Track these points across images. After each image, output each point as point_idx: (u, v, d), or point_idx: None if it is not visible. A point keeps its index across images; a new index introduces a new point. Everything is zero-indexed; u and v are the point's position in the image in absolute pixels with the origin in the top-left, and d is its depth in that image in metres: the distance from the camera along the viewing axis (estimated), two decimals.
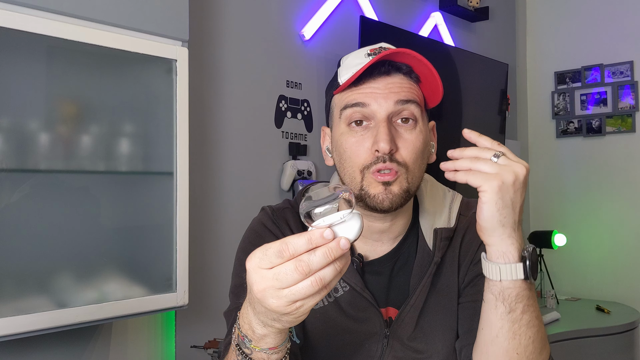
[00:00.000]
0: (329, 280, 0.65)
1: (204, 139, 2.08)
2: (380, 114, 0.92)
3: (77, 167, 1.54)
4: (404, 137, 0.93)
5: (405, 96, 0.93)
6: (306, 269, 0.64)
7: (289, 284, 0.64)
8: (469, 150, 0.83)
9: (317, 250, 0.64)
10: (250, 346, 0.76)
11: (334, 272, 0.65)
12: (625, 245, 3.41)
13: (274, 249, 0.65)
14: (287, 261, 0.65)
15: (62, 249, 1.51)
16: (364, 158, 0.93)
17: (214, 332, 1.97)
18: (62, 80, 1.54)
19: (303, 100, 2.44)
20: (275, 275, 0.65)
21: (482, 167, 0.80)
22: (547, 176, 3.74)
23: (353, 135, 0.94)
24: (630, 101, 3.42)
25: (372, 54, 0.95)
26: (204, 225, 2.06)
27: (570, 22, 3.66)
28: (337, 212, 0.67)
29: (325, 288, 0.66)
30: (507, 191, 0.80)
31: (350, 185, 0.96)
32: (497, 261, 0.83)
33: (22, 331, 1.37)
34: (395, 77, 0.94)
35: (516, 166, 0.80)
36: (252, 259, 0.67)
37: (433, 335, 1.00)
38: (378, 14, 2.77)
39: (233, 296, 1.04)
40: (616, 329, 2.87)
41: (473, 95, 3.10)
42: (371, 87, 0.93)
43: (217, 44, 2.14)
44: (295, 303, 0.66)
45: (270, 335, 0.74)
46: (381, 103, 0.92)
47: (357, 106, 0.93)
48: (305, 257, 0.64)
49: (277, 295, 0.65)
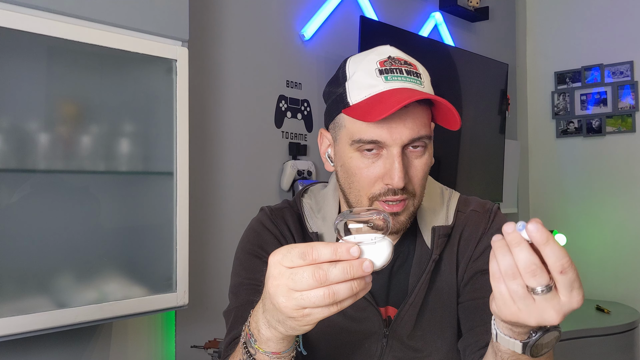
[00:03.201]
0: (341, 298, 0.64)
1: (204, 139, 2.08)
2: (394, 148, 0.90)
3: (77, 167, 1.54)
4: (414, 164, 0.93)
5: (419, 133, 0.91)
6: (323, 277, 0.63)
7: (302, 287, 0.64)
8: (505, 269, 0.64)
9: (339, 264, 0.64)
10: (255, 346, 0.76)
11: (348, 292, 0.64)
12: (626, 246, 3.41)
13: (298, 249, 0.65)
14: (307, 265, 0.64)
15: (62, 249, 1.51)
16: (374, 187, 0.92)
17: (214, 332, 1.97)
18: (62, 80, 1.54)
19: (303, 100, 2.44)
20: (292, 274, 0.65)
21: (515, 291, 0.65)
22: (547, 176, 3.74)
23: (362, 160, 0.92)
24: (630, 101, 3.42)
25: (383, 71, 0.91)
26: (204, 225, 2.06)
27: (570, 22, 3.66)
28: (370, 233, 0.67)
29: (336, 305, 0.65)
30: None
31: (353, 204, 0.95)
32: (517, 338, 0.73)
33: (22, 331, 1.37)
34: (409, 105, 0.89)
35: (564, 306, 0.64)
36: (276, 254, 0.67)
37: (432, 334, 1.00)
38: (378, 14, 2.77)
39: (233, 296, 1.04)
40: (616, 329, 2.87)
41: (473, 95, 3.10)
42: (388, 121, 0.89)
43: (217, 44, 2.14)
44: (304, 310, 0.65)
45: (273, 340, 0.74)
46: (396, 139, 0.90)
47: (373, 143, 0.91)
48: (325, 266, 0.64)
49: (288, 295, 0.65)
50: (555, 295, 0.63)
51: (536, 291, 0.63)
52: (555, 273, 0.62)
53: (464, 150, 3.00)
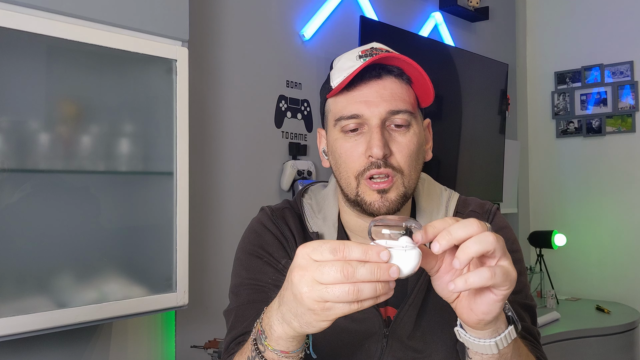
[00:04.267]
0: (364, 297, 0.65)
1: (204, 139, 2.08)
2: (373, 120, 0.93)
3: (77, 167, 1.54)
4: (398, 140, 0.94)
5: (397, 106, 0.93)
6: (350, 274, 0.64)
7: (328, 280, 0.65)
8: (470, 248, 0.69)
9: (368, 264, 0.65)
10: (264, 343, 0.77)
11: (372, 292, 0.65)
12: (625, 245, 3.41)
13: (330, 244, 0.66)
14: (336, 260, 0.65)
15: (62, 249, 1.51)
16: (358, 164, 0.94)
17: (214, 332, 1.97)
18: (62, 80, 1.55)
19: (303, 100, 2.44)
20: (319, 266, 0.66)
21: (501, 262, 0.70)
22: (547, 176, 3.74)
23: (347, 140, 0.95)
24: (630, 101, 3.42)
25: (363, 55, 0.95)
26: (204, 225, 2.06)
27: (570, 22, 3.66)
28: (403, 241, 0.68)
29: (357, 303, 0.66)
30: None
31: (347, 191, 0.96)
32: (491, 337, 0.77)
33: (22, 331, 1.38)
34: (386, 81, 0.94)
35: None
36: (306, 246, 0.68)
37: (432, 334, 1.00)
38: (378, 14, 2.77)
39: (233, 295, 1.04)
40: (616, 329, 2.87)
41: (473, 95, 3.10)
42: (364, 94, 0.93)
43: (217, 44, 2.14)
44: (325, 303, 0.66)
45: (283, 338, 0.74)
46: (373, 111, 0.92)
47: (352, 118, 0.94)
48: (354, 264, 0.65)
49: (312, 286, 0.66)
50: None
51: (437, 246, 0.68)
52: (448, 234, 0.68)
53: (464, 150, 3.00)
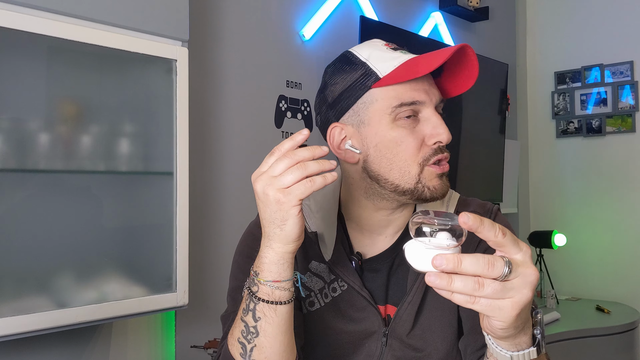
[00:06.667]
0: (311, 171, 0.77)
1: (204, 139, 2.08)
2: (431, 107, 0.95)
3: (78, 167, 1.54)
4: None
5: (441, 95, 0.97)
6: (294, 158, 0.78)
7: (281, 170, 0.78)
8: (467, 263, 0.62)
9: (307, 148, 0.79)
10: (257, 280, 0.83)
11: (318, 167, 0.78)
12: (625, 245, 3.41)
13: (274, 152, 0.81)
14: (283, 156, 0.79)
15: (62, 249, 1.51)
16: (422, 151, 0.94)
17: (214, 332, 1.97)
18: (63, 80, 1.55)
19: (303, 100, 2.44)
20: (271, 167, 0.80)
21: (491, 293, 0.63)
22: (547, 176, 3.74)
23: (404, 129, 0.94)
24: (630, 101, 3.42)
25: (393, 49, 0.98)
26: (204, 225, 2.06)
27: (570, 22, 3.66)
28: (444, 239, 0.67)
29: (310, 182, 0.77)
30: (525, 309, 0.66)
31: (400, 180, 0.94)
32: (509, 350, 0.73)
33: (22, 331, 1.37)
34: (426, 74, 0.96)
35: (529, 277, 0.65)
36: (254, 174, 0.82)
37: (432, 333, 1.00)
38: (378, 14, 2.77)
39: (231, 299, 1.04)
40: (616, 329, 2.87)
41: (473, 95, 3.10)
42: (422, 84, 0.95)
43: (217, 44, 2.14)
44: (285, 189, 0.78)
45: (274, 262, 0.82)
46: (432, 97, 0.95)
47: (415, 104, 0.93)
48: (297, 151, 0.79)
49: (270, 181, 0.79)
50: (519, 267, 0.64)
51: (505, 273, 0.63)
52: (499, 239, 0.64)
53: (464, 150, 3.00)
